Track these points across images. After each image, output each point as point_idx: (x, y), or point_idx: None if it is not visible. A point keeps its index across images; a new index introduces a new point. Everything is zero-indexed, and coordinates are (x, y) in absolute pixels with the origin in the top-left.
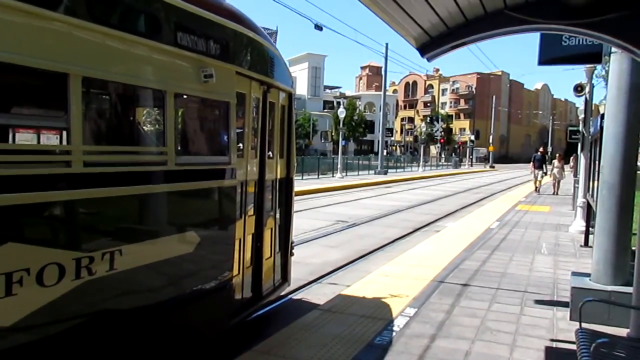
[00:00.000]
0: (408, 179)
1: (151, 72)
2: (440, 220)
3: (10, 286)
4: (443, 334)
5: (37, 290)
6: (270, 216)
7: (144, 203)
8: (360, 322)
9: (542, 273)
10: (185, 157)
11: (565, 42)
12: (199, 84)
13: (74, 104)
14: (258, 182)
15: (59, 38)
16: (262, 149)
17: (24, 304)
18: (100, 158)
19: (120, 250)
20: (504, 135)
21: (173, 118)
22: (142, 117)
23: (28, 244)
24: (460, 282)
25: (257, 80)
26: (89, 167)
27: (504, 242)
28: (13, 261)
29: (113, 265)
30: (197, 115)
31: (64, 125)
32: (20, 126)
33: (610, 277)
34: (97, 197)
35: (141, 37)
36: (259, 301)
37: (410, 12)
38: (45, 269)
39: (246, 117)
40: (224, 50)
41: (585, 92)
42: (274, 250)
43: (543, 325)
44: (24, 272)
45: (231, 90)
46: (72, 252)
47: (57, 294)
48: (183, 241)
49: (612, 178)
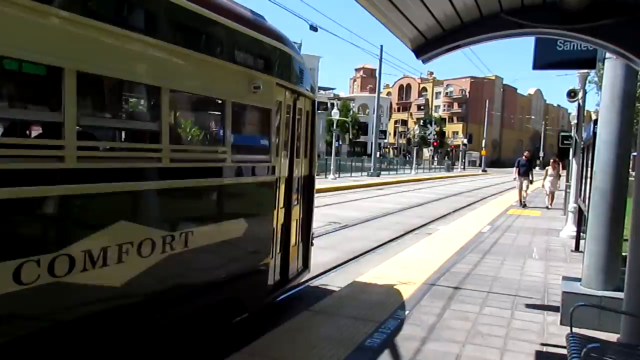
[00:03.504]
0: (400, 181)
1: (216, 85)
2: (432, 223)
3: (120, 255)
4: (434, 337)
5: (137, 260)
6: (296, 208)
7: (211, 193)
8: (350, 324)
9: (533, 277)
10: (238, 156)
11: (560, 47)
12: (249, 94)
13: (166, 115)
14: (288, 179)
15: (158, 61)
16: (292, 150)
17: (128, 270)
18: (184, 155)
19: (192, 231)
20: (496, 140)
21: (231, 123)
22: (213, 122)
23: (133, 223)
24: (451, 285)
25: (290, 89)
26: (174, 162)
27: (495, 246)
28: (123, 235)
29: (187, 244)
30: (247, 120)
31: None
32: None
33: (601, 283)
34: (182, 187)
35: (211, 57)
36: (285, 284)
37: (406, 13)
38: (142, 243)
39: (280, 121)
40: (267, 64)
41: (579, 98)
42: (298, 240)
43: (534, 329)
44: (129, 245)
45: (272, 99)
46: (161, 231)
47: (150, 264)
48: (236, 227)
49: (605, 184)
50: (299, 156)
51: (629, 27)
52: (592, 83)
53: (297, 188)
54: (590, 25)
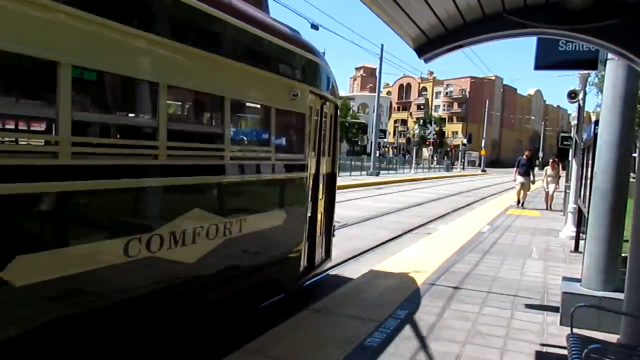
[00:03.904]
0: (400, 180)
1: (265, 94)
2: (431, 223)
3: (195, 237)
4: (434, 337)
5: (206, 241)
6: (321, 202)
7: (259, 186)
8: (350, 324)
9: (532, 277)
10: (279, 155)
11: (562, 48)
12: (289, 101)
13: (227, 120)
14: (316, 175)
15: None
16: (319, 149)
17: (199, 249)
18: (240, 155)
19: (245, 219)
20: (496, 140)
21: (275, 126)
22: (261, 126)
23: (204, 210)
24: (451, 285)
25: (319, 95)
26: (233, 160)
27: (495, 246)
28: (196, 220)
29: (240, 229)
30: (286, 124)
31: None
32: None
33: (600, 283)
34: (238, 181)
35: (262, 70)
36: (312, 270)
37: (409, 12)
38: (208, 228)
39: (311, 124)
40: (303, 74)
41: (579, 99)
42: (323, 230)
43: (533, 329)
44: (201, 228)
45: (306, 105)
46: (221, 217)
47: (214, 245)
48: (278, 216)
49: (605, 184)
50: (324, 155)
51: (632, 27)
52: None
53: (323, 184)
54: (593, 26)
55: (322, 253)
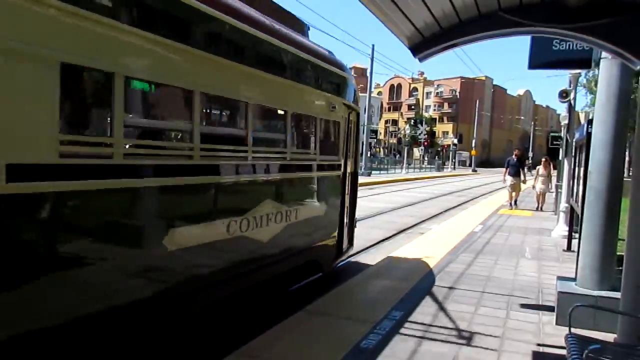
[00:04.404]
0: (392, 181)
1: (313, 107)
2: (424, 223)
3: (267, 221)
4: (430, 337)
5: (274, 225)
6: (347, 197)
7: (309, 181)
8: (345, 325)
9: (526, 277)
10: (322, 157)
11: (556, 47)
12: (329, 112)
13: (289, 129)
14: (344, 173)
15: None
16: (346, 151)
17: (269, 232)
18: (297, 156)
19: (299, 208)
20: (486, 140)
21: (319, 133)
22: (310, 132)
23: (273, 200)
24: (446, 285)
25: (347, 106)
26: (293, 160)
27: (488, 246)
28: (267, 209)
29: (297, 216)
30: (327, 131)
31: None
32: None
33: (596, 282)
34: (294, 177)
35: (312, 88)
36: (341, 255)
37: (406, 11)
38: (276, 214)
39: (343, 131)
40: (338, 89)
41: (570, 98)
42: (348, 221)
43: (529, 329)
44: (271, 214)
45: (340, 114)
46: (284, 206)
47: (278, 230)
48: (321, 207)
49: (600, 184)
50: (350, 157)
51: (627, 26)
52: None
53: (348, 181)
54: (589, 25)
55: (347, 241)
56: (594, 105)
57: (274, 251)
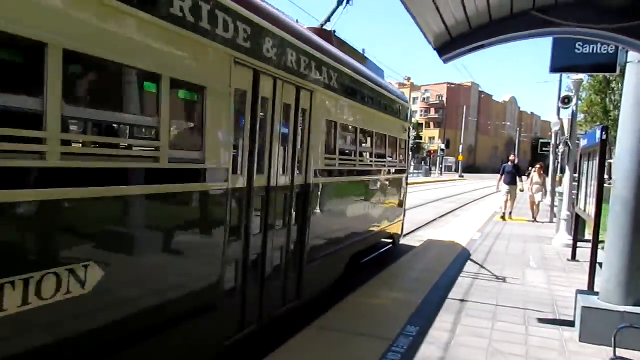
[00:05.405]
0: None
1: (394, 130)
2: (419, 230)
3: (375, 204)
4: (450, 356)
5: (376, 206)
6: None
7: (391, 180)
8: (356, 342)
9: (537, 289)
10: (400, 164)
11: (579, 50)
12: (402, 132)
13: (371, 143)
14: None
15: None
16: (404, 159)
17: (377, 211)
18: (382, 162)
19: (388, 197)
20: (471, 145)
21: (397, 148)
22: (391, 147)
23: (382, 193)
24: (457, 298)
25: (407, 126)
26: (385, 166)
27: (490, 255)
28: (380, 197)
29: (386, 202)
30: (400, 146)
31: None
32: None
33: (621, 297)
34: (389, 178)
35: (391, 116)
36: (401, 235)
37: (438, 4)
38: (363, 202)
39: (407, 145)
40: (406, 116)
41: (572, 104)
42: (402, 215)
43: (553, 346)
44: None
45: (406, 133)
46: (387, 197)
47: (381, 211)
48: (395, 199)
49: (627, 192)
50: (406, 162)
51: None
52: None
53: (404, 181)
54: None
55: (400, 232)
56: (579, 112)
57: (381, 225)
